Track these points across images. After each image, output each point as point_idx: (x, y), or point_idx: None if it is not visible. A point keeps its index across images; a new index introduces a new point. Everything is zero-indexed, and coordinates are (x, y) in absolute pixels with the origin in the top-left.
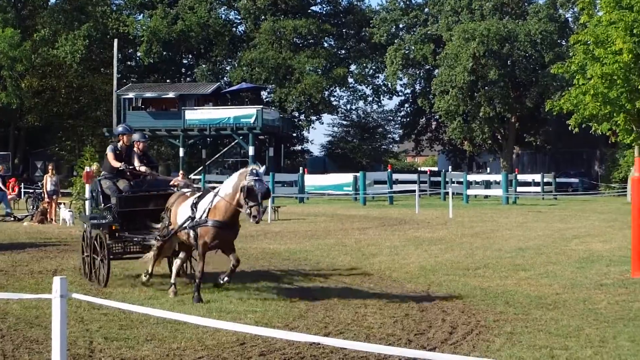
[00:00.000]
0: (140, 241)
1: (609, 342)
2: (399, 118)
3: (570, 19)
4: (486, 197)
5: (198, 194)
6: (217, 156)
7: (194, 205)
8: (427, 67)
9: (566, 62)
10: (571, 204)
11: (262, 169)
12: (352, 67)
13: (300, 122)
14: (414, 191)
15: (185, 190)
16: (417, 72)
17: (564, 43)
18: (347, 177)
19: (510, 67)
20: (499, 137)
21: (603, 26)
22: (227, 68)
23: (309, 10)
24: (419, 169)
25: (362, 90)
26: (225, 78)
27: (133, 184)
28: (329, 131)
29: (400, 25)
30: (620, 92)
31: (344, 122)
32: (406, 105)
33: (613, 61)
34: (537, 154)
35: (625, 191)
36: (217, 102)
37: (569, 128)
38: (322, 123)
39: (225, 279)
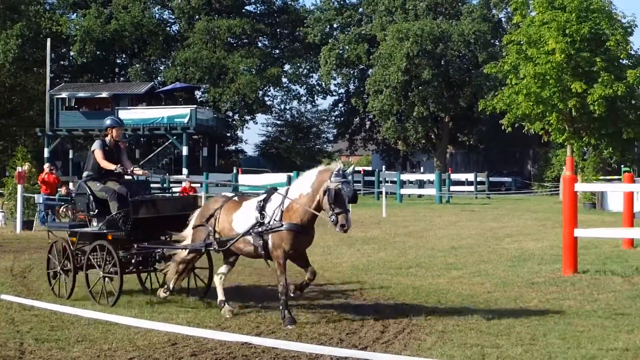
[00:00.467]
0: (166, 253)
1: (540, 340)
2: (333, 118)
3: (503, 19)
4: (420, 196)
5: (262, 197)
6: (150, 156)
7: (261, 209)
8: (361, 66)
9: (499, 62)
10: (504, 203)
11: (350, 169)
12: (286, 67)
13: (234, 122)
14: None
15: (229, 194)
16: (351, 71)
17: (498, 43)
18: (281, 177)
19: (444, 67)
20: (432, 136)
21: (536, 26)
22: (161, 68)
23: (243, 10)
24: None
25: (296, 90)
26: (159, 78)
27: (124, 186)
28: (263, 131)
29: (335, 25)
30: (552, 91)
31: (278, 122)
32: (340, 105)
33: (546, 61)
34: (471, 154)
35: (558, 190)
36: (151, 101)
37: (502, 127)
38: (256, 123)
39: (297, 292)
